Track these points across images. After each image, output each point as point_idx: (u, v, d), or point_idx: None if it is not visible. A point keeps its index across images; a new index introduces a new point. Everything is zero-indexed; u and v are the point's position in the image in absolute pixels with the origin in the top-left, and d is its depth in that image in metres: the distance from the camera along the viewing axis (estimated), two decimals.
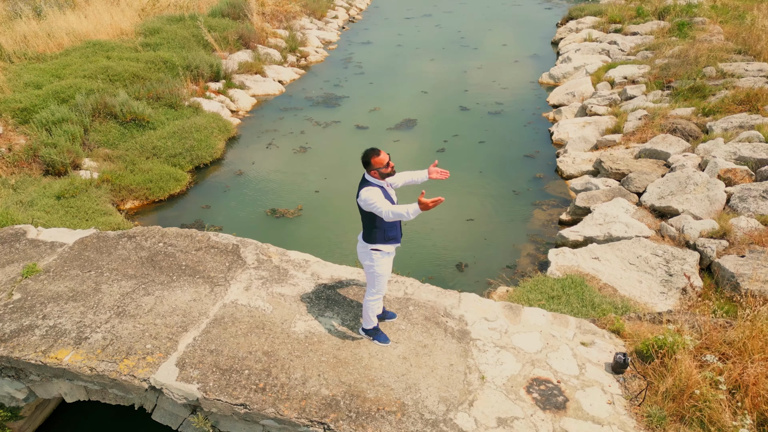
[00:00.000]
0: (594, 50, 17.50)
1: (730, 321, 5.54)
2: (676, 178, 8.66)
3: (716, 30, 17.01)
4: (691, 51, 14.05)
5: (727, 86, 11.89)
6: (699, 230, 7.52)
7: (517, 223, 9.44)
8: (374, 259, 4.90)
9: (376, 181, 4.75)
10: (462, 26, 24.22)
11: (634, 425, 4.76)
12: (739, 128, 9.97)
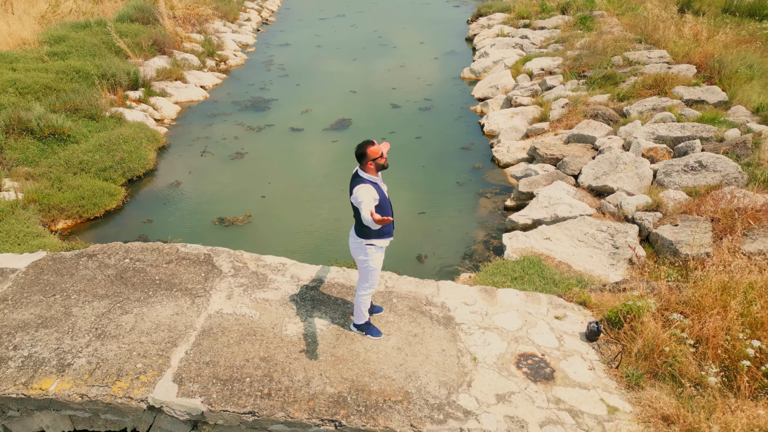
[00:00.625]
0: (508, 45, 18.39)
1: (682, 283, 6.15)
2: (607, 159, 9.39)
3: (614, 22, 18.44)
4: (599, 42, 15.17)
5: (635, 73, 12.98)
6: (635, 205, 8.23)
7: (466, 212, 9.83)
8: (369, 253, 4.98)
9: (370, 177, 4.82)
10: (377, 26, 24.55)
11: (615, 386, 5.19)
12: (653, 110, 10.95)
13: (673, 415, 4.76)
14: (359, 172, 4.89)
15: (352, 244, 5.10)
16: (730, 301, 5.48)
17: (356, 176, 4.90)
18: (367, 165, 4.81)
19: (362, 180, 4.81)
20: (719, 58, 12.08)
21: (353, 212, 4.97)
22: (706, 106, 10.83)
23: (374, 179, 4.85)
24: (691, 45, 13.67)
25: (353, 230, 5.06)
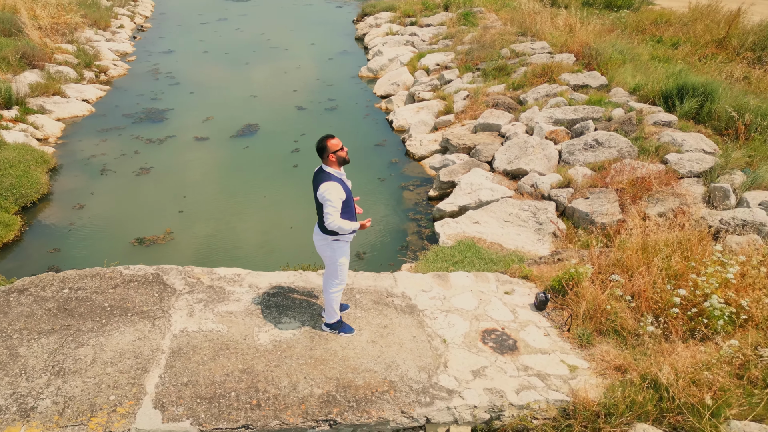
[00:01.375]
0: (399, 42, 18.97)
1: (608, 248, 6.86)
2: (516, 144, 10.12)
3: (494, 17, 19.70)
4: (486, 37, 16.16)
5: (523, 63, 14.02)
6: (549, 183, 8.97)
7: (393, 206, 10.10)
8: (335, 248, 5.05)
9: (335, 172, 4.88)
10: (263, 28, 24.16)
11: (570, 347, 5.70)
12: (546, 96, 11.92)
13: (624, 364, 5.34)
14: (323, 167, 4.93)
15: (317, 241, 5.13)
16: (653, 259, 6.23)
17: (320, 172, 4.94)
18: (329, 158, 4.87)
19: (328, 176, 4.86)
20: (594, 46, 13.41)
21: (318, 209, 5.01)
22: (590, 89, 11.99)
23: (339, 175, 4.92)
24: (567, 36, 15.00)
25: (317, 227, 5.09)
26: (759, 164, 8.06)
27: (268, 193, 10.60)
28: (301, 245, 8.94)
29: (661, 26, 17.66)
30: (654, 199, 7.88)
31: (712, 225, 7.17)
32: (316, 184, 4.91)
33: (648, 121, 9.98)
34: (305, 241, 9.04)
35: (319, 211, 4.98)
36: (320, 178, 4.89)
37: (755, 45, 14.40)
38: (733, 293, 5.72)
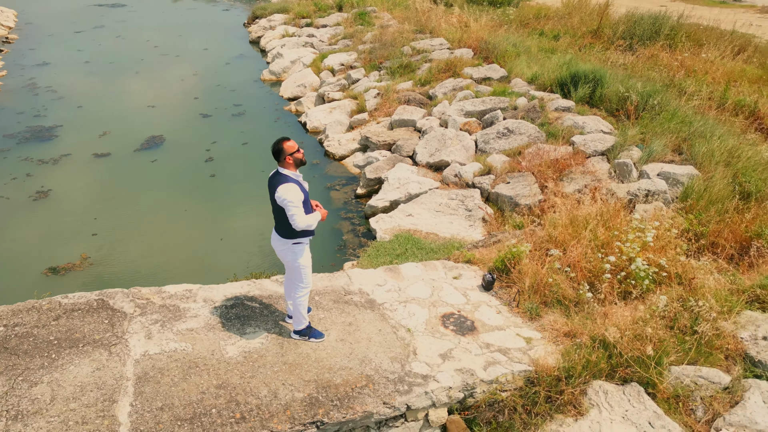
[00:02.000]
0: (298, 44, 18.88)
1: (538, 226, 7.39)
2: (434, 137, 10.54)
3: (388, 16, 20.18)
4: (386, 35, 16.54)
5: (426, 60, 14.55)
6: (471, 172, 9.46)
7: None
8: (297, 252, 5.05)
9: (292, 174, 4.87)
10: (147, 35, 22.93)
11: (521, 321, 6.12)
12: (453, 90, 12.49)
13: (572, 330, 5.84)
14: (280, 170, 4.91)
15: (277, 246, 5.09)
16: (581, 232, 6.83)
17: (277, 175, 4.91)
18: (285, 161, 4.86)
19: (285, 179, 4.84)
20: (490, 41, 14.22)
21: (275, 213, 4.97)
22: (493, 81, 12.73)
23: (296, 176, 4.92)
24: (463, 32, 15.76)
25: (276, 233, 5.06)
26: (651, 140, 9.05)
27: (188, 206, 10.19)
28: (235, 255, 8.74)
29: (542, 20, 19.04)
30: (568, 178, 8.59)
31: (621, 197, 7.96)
32: (272, 188, 4.88)
33: (549, 108, 10.81)
34: (239, 251, 8.86)
35: (278, 215, 4.94)
36: (277, 181, 4.86)
37: (625, 34, 15.99)
38: (652, 255, 6.42)
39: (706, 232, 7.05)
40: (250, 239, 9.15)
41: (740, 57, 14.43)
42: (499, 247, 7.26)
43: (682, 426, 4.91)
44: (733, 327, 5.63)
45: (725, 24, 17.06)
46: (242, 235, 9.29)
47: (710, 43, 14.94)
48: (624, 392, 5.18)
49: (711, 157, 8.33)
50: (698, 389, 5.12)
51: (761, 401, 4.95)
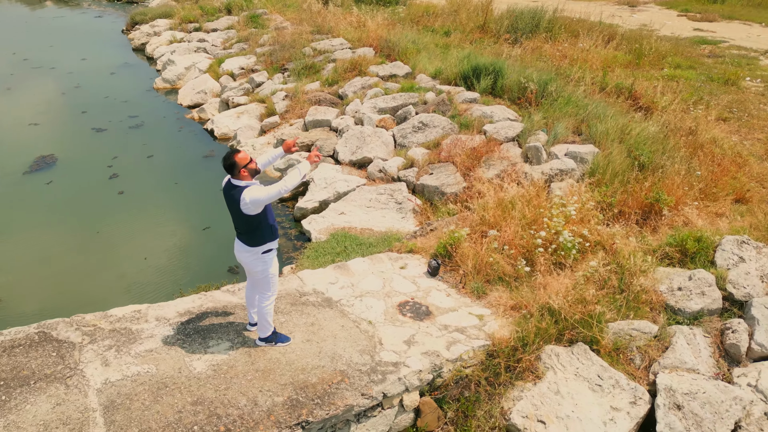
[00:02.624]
0: (189, 49, 18.17)
1: (469, 212, 7.82)
2: (353, 135, 10.71)
3: (280, 18, 19.99)
4: (284, 37, 16.41)
5: (329, 60, 14.65)
6: (395, 166, 9.74)
7: None
8: (267, 260, 5.01)
9: (250, 183, 4.82)
10: (13, 47, 20.88)
11: (470, 301, 6.49)
12: (363, 89, 12.72)
13: (518, 303, 6.29)
14: (234, 182, 4.84)
15: (245, 257, 5.02)
16: (510, 212, 7.34)
17: (233, 187, 4.84)
18: (240, 174, 4.81)
19: (242, 186, 4.79)
20: (390, 39, 14.62)
21: (240, 223, 4.90)
22: (399, 78, 13.12)
23: (253, 183, 4.89)
24: (361, 31, 16.04)
25: (242, 244, 4.98)
26: (553, 124, 9.87)
27: (101, 228, 9.53)
28: (167, 271, 8.35)
29: (431, 17, 19.83)
30: (487, 165, 9.14)
31: (537, 178, 8.62)
32: (233, 198, 4.80)
33: (457, 100, 11.37)
34: (168, 266, 8.46)
35: (245, 225, 4.88)
36: (237, 191, 4.79)
37: (510, 28, 17.12)
38: (575, 227, 7.06)
39: (614, 202, 7.86)
40: (177, 253, 8.77)
41: (611, 45, 16.01)
42: (437, 234, 7.60)
43: (625, 374, 5.50)
44: (652, 282, 6.37)
45: (592, 16, 18.82)
46: (167, 249, 8.88)
47: (584, 33, 16.43)
48: (572, 352, 5.70)
49: (607, 135, 9.25)
50: (633, 340, 5.75)
51: (686, 343, 5.67)
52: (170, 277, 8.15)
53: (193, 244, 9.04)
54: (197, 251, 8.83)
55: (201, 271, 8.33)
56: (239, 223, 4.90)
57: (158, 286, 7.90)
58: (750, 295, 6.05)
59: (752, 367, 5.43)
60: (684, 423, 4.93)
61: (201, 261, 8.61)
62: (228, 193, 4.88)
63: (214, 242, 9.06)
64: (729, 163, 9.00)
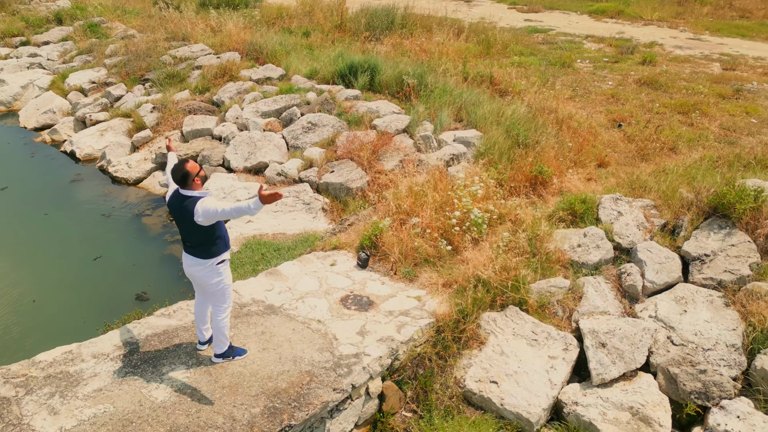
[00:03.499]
0: (20, 66, 16.25)
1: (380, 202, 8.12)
2: (243, 141, 10.46)
3: (122, 27, 18.61)
4: (136, 46, 15.34)
5: (193, 67, 14.04)
6: (295, 168, 9.73)
7: (141, 236, 9.27)
8: (222, 272, 4.87)
9: (201, 192, 4.66)
10: None
11: (405, 285, 6.81)
12: (239, 94, 12.42)
13: (447, 280, 6.74)
14: (186, 192, 4.64)
15: (199, 271, 4.81)
16: (422, 198, 7.78)
17: (184, 198, 4.63)
18: (194, 183, 4.64)
19: (199, 196, 4.61)
20: (256, 42, 14.39)
21: (191, 236, 4.70)
22: (274, 80, 13.01)
23: (207, 192, 4.73)
24: (223, 36, 15.55)
25: (194, 257, 4.77)
26: (436, 113, 10.53)
27: None
28: (64, 311, 7.53)
29: (286, 19, 19.78)
30: (385, 157, 9.52)
31: (433, 164, 9.18)
32: (185, 210, 4.59)
33: (339, 98, 11.61)
34: (66, 305, 7.63)
35: (197, 237, 4.68)
36: (190, 202, 4.60)
37: (367, 26, 17.70)
38: (481, 204, 7.70)
39: (506, 178, 8.67)
40: (71, 289, 7.95)
41: (461, 38, 17.30)
42: (356, 228, 7.80)
43: (553, 326, 6.20)
44: (555, 244, 7.19)
45: (437, 12, 20.09)
46: (57, 286, 8.01)
47: (436, 28, 17.55)
48: (506, 315, 6.28)
49: (485, 119, 10.12)
50: (553, 296, 6.48)
51: (594, 291, 6.52)
52: (70, 316, 7.40)
53: (88, 277, 8.25)
54: (95, 283, 8.09)
55: (105, 304, 7.66)
56: (191, 236, 4.70)
57: (60, 327, 7.14)
58: (633, 242, 7.11)
59: (649, 301, 6.43)
60: (610, 357, 5.71)
61: (102, 293, 7.91)
62: (178, 204, 4.66)
63: (112, 271, 8.36)
64: (587, 134, 10.34)
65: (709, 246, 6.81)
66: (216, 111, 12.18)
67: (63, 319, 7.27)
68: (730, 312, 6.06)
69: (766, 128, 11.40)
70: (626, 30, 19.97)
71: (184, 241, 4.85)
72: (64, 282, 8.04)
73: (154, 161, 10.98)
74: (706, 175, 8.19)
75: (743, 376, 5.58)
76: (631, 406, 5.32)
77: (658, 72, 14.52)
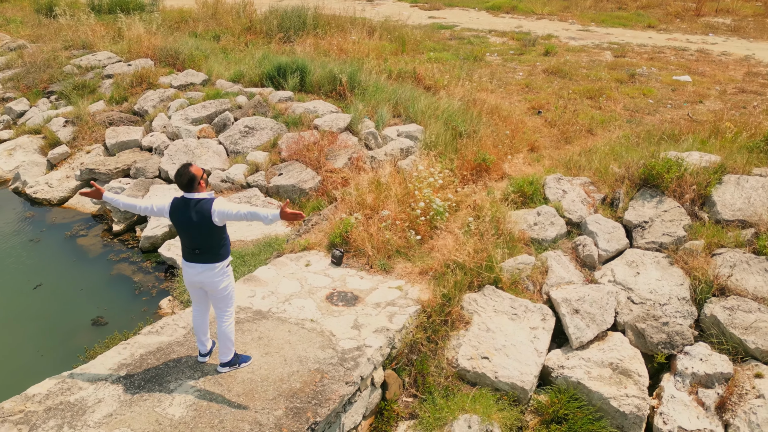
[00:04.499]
0: None
1: (345, 200, 8.20)
2: (179, 150, 10.06)
3: (8, 38, 17.05)
4: (31, 57, 14.15)
5: (102, 76, 13.20)
6: (242, 173, 9.52)
7: (82, 258, 8.65)
8: (229, 274, 4.82)
9: (208, 194, 4.57)
10: None
11: (383, 277, 6.95)
12: (162, 102, 11.87)
13: (423, 268, 6.99)
14: (194, 195, 4.51)
15: (208, 277, 4.67)
16: (384, 192, 7.97)
17: (196, 201, 4.51)
18: (199, 186, 4.54)
19: (209, 199, 4.52)
20: (169, 47, 13.80)
21: (201, 240, 4.56)
22: (197, 86, 12.57)
23: (212, 194, 4.63)
24: (130, 42, 14.72)
25: (203, 264, 4.63)
26: (373, 111, 10.75)
27: None
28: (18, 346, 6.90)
29: (190, 23, 19.06)
30: (333, 156, 9.58)
31: (381, 160, 9.39)
32: (198, 213, 4.47)
33: (272, 100, 11.47)
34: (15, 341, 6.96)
35: (208, 240, 4.57)
36: (202, 204, 4.49)
37: (280, 27, 17.52)
38: (440, 193, 8.03)
39: (455, 167, 9.08)
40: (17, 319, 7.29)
41: (375, 36, 17.63)
42: (321, 228, 7.83)
43: (527, 299, 6.65)
44: (513, 224, 7.68)
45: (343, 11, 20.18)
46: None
47: (349, 27, 17.75)
48: (485, 294, 6.64)
49: (423, 113, 10.50)
50: (522, 272, 6.95)
51: (557, 264, 7.07)
52: (24, 351, 6.80)
53: (32, 308, 7.60)
54: (42, 313, 7.46)
55: (60, 334, 7.12)
56: (204, 240, 4.57)
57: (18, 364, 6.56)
58: (582, 217, 7.77)
59: (605, 268, 7.08)
60: (584, 321, 6.25)
61: (54, 322, 7.33)
62: (190, 209, 4.52)
63: (58, 298, 7.77)
64: (515, 122, 11.04)
65: (646, 213, 7.61)
66: (139, 121, 11.57)
67: (19, 355, 6.67)
68: (675, 270, 6.84)
69: (662, 107, 12.78)
70: (523, 24, 21.33)
71: (191, 249, 4.68)
72: (6, 316, 7.34)
73: (78, 178, 10.24)
74: (630, 151, 9.10)
75: (695, 324, 6.34)
76: (611, 362, 5.87)
77: (562, 62, 15.73)
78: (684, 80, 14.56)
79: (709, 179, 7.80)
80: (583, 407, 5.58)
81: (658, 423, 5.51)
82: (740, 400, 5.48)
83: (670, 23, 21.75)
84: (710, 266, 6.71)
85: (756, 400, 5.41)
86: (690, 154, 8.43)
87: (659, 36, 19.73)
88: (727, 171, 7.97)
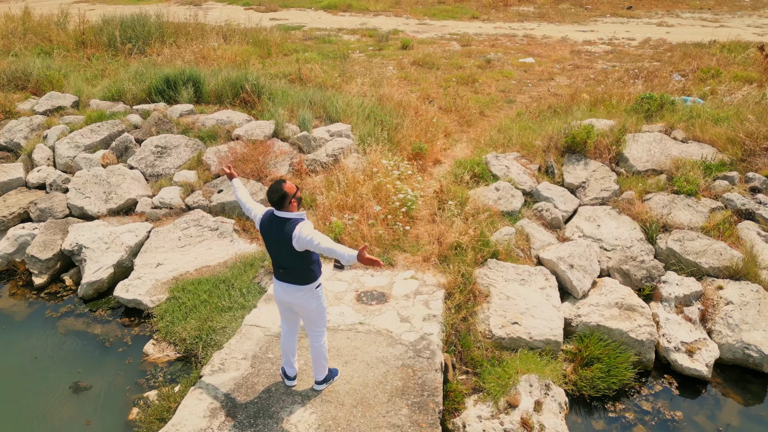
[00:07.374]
0: None
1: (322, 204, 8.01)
2: (92, 182, 8.79)
3: None
4: None
5: None
6: (178, 195, 8.66)
7: (9, 322, 7.19)
8: (320, 295, 4.59)
9: (298, 214, 4.28)
10: None
11: (391, 271, 7.04)
12: (34, 131, 10.17)
13: (424, 256, 7.23)
14: (283, 214, 4.20)
15: (298, 298, 4.40)
16: (359, 190, 7.99)
17: (282, 220, 4.20)
18: (290, 205, 4.25)
19: (297, 219, 4.24)
20: (18, 68, 11.81)
21: (290, 262, 4.28)
22: (69, 109, 10.98)
23: (303, 215, 4.34)
24: None
25: (291, 284, 4.36)
26: (292, 115, 10.50)
27: None
28: None
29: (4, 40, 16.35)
30: (273, 164, 9.21)
31: (326, 162, 9.29)
32: (282, 233, 4.18)
33: (173, 115, 10.53)
34: None
35: (297, 263, 4.28)
36: (290, 224, 4.19)
37: (122, 38, 15.86)
38: (408, 184, 8.31)
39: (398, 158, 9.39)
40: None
41: (233, 41, 16.95)
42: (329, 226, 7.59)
43: (525, 265, 7.29)
44: (481, 202, 8.28)
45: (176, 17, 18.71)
46: None
47: (204, 34, 16.82)
48: (490, 267, 7.14)
49: (343, 112, 10.57)
50: (510, 242, 7.57)
51: (533, 230, 7.83)
52: None
53: None
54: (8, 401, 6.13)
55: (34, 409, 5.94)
56: (289, 260, 4.28)
57: None
58: (532, 186, 8.67)
59: (569, 226, 8.04)
60: (581, 273, 7.08)
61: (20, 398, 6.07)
62: (275, 228, 4.20)
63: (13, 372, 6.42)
64: (424, 112, 11.68)
65: (581, 175, 8.79)
66: (10, 156, 9.79)
67: None
68: (624, 217, 8.05)
69: (525, 86, 14.49)
70: (366, 21, 22.20)
71: (277, 267, 4.39)
72: None
73: None
74: (543, 125, 10.30)
75: (654, 257, 7.58)
76: (616, 302, 6.77)
77: (425, 54, 16.82)
78: (529, 62, 16.63)
79: (618, 139, 9.23)
80: (609, 344, 6.38)
81: (663, 342, 6.54)
82: (715, 310, 6.77)
83: (488, 14, 24.42)
84: (647, 209, 8.04)
85: (727, 307, 6.73)
86: (591, 121, 9.85)
87: (486, 25, 22.07)
88: (626, 132, 9.51)
